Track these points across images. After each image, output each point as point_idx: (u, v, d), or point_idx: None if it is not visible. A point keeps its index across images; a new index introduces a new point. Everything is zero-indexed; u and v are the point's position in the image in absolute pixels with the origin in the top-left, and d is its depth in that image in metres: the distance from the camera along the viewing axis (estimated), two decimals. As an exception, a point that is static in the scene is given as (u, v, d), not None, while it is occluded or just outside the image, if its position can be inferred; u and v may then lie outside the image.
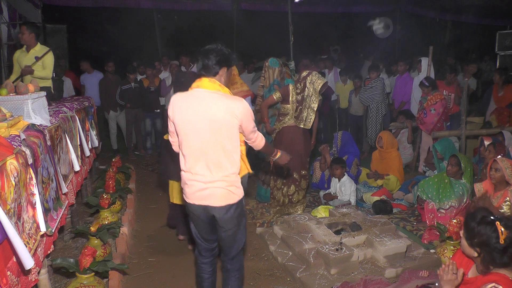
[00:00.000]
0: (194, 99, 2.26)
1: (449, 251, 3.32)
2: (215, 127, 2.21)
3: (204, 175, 2.26)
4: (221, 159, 2.25)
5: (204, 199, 2.28)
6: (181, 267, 3.40)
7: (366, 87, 6.84)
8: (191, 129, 2.24)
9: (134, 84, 6.91)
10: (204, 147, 2.24)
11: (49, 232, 2.45)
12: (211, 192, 2.27)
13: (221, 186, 2.26)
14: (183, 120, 2.26)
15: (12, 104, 2.92)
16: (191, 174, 2.29)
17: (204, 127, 2.22)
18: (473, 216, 2.09)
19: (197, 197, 2.30)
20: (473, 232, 2.05)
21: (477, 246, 2.04)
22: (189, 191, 2.32)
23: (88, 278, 2.71)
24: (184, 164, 2.33)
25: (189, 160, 2.28)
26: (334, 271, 3.06)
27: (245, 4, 9.77)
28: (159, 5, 9.45)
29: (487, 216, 2.05)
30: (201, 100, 2.24)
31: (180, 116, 2.27)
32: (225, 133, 2.23)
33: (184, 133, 2.27)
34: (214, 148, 2.24)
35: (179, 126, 2.28)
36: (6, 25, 6.30)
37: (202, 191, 2.28)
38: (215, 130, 2.22)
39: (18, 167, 2.08)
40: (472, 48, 13.46)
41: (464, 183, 4.05)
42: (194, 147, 2.25)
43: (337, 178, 4.79)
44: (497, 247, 1.97)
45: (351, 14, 11.17)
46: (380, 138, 5.33)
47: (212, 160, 2.24)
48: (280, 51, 8.15)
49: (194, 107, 2.24)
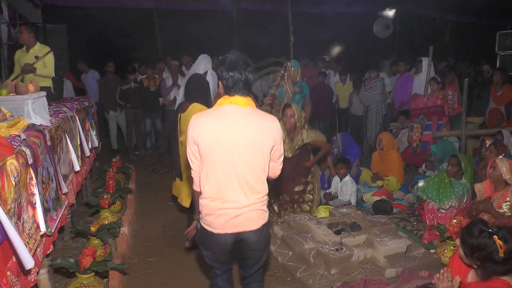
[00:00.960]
0: (226, 117, 2.00)
1: (449, 251, 3.32)
2: (253, 148, 2.00)
3: (238, 201, 2.03)
4: (256, 183, 2.05)
5: (238, 226, 2.06)
6: (181, 267, 3.40)
7: (366, 87, 6.84)
8: (223, 151, 1.98)
9: (134, 84, 6.91)
10: (239, 170, 2.01)
11: (49, 232, 2.45)
12: (246, 216, 2.06)
13: (255, 208, 2.08)
14: (212, 141, 1.98)
15: (12, 104, 2.91)
16: (220, 202, 2.03)
17: (240, 148, 1.99)
18: (470, 232, 2.07)
19: (230, 225, 2.06)
20: (472, 249, 2.04)
21: (477, 260, 2.04)
22: (220, 221, 2.05)
23: (88, 278, 2.71)
24: (209, 191, 2.04)
25: (217, 186, 2.02)
26: (334, 271, 3.06)
27: (245, 4, 9.77)
28: (159, 5, 9.45)
29: (484, 230, 2.03)
30: (236, 118, 2.00)
31: (207, 136, 1.98)
32: (263, 155, 2.04)
33: (212, 156, 2.00)
34: (250, 171, 2.02)
35: (206, 148, 2.00)
36: (6, 25, 6.30)
37: (235, 218, 2.05)
38: (252, 151, 2.01)
39: (18, 167, 2.08)
40: (472, 48, 13.47)
41: (465, 183, 4.05)
42: (226, 171, 2.01)
43: (340, 177, 4.80)
44: (497, 260, 1.96)
45: (351, 14, 11.16)
46: (380, 140, 5.32)
47: (247, 185, 2.03)
48: (280, 51, 8.16)
49: (226, 126, 1.98)
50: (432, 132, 5.45)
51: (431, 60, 5.85)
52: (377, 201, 4.58)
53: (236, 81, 2.00)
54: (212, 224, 2.07)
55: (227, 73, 2.01)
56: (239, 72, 2.00)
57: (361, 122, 7.32)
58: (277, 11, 9.78)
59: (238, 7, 9.73)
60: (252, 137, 2.00)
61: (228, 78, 2.01)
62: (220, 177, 2.01)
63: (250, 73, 2.03)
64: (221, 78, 2.04)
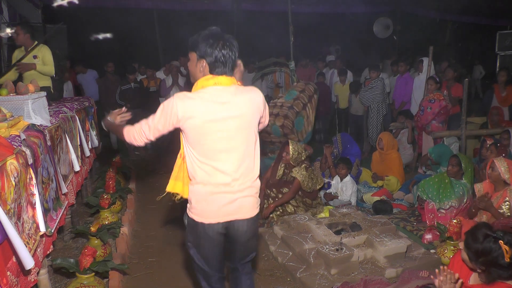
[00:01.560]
0: (214, 100, 1.88)
1: (449, 251, 3.32)
2: (243, 125, 1.92)
3: (232, 184, 1.92)
4: (250, 161, 1.97)
5: (232, 214, 1.95)
6: (181, 266, 3.40)
7: (366, 88, 6.84)
8: (214, 134, 1.88)
9: (134, 84, 6.91)
10: (232, 152, 1.91)
11: (49, 232, 2.45)
12: (241, 203, 1.95)
13: (250, 193, 1.98)
14: (202, 125, 1.87)
15: (12, 104, 2.92)
16: (213, 186, 1.92)
17: (231, 126, 1.89)
18: (474, 237, 2.04)
19: (223, 212, 1.94)
20: (477, 254, 2.01)
21: (482, 265, 2.02)
22: (212, 208, 1.93)
23: (88, 278, 2.71)
24: (202, 175, 1.92)
25: (210, 170, 1.91)
26: (334, 271, 3.06)
27: (245, 4, 9.78)
28: (159, 5, 9.45)
29: (489, 235, 2.00)
30: (223, 100, 1.88)
31: (196, 120, 1.86)
32: (252, 130, 1.97)
33: (203, 140, 1.88)
34: (244, 150, 1.94)
35: (196, 131, 1.88)
36: (6, 25, 6.30)
37: (229, 205, 1.93)
38: (243, 128, 1.92)
39: (18, 167, 2.07)
40: (472, 48, 13.47)
41: (465, 183, 4.05)
42: (218, 154, 1.90)
43: (341, 177, 4.80)
44: (502, 265, 1.95)
45: (351, 14, 11.17)
46: (381, 140, 5.32)
47: (241, 164, 1.93)
48: (280, 51, 8.16)
49: (218, 110, 1.87)
50: (433, 132, 5.45)
51: (431, 60, 5.85)
52: (377, 201, 4.58)
53: (227, 60, 1.89)
54: (203, 212, 1.95)
55: (218, 51, 1.86)
56: (231, 50, 1.89)
57: (361, 122, 7.32)
58: (277, 11, 9.78)
59: (238, 7, 9.73)
60: (242, 117, 1.91)
61: (220, 57, 1.87)
62: (212, 160, 1.90)
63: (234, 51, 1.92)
64: (208, 55, 1.86)
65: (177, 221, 4.35)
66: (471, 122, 6.21)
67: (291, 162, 4.28)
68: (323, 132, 8.23)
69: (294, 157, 4.25)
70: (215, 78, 1.91)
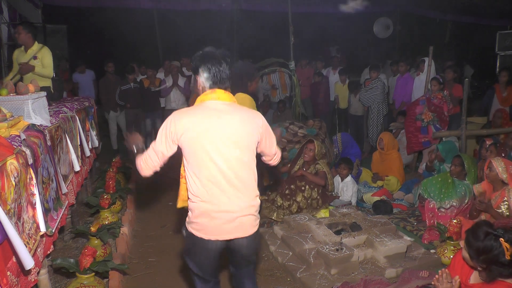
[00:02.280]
0: (212, 115, 1.93)
1: (449, 251, 3.32)
2: (242, 144, 1.95)
3: (230, 203, 1.94)
4: (249, 181, 1.99)
5: (231, 232, 1.96)
6: (181, 267, 3.39)
7: (366, 88, 6.84)
8: (210, 150, 1.90)
9: (134, 84, 6.91)
10: (231, 169, 1.92)
11: (49, 232, 2.45)
12: (240, 222, 1.96)
13: (249, 213, 1.99)
14: (199, 141, 1.89)
15: (12, 104, 2.92)
16: (211, 204, 1.93)
17: (229, 145, 1.92)
18: (475, 235, 2.05)
19: (223, 231, 1.95)
20: (478, 252, 2.02)
21: (483, 263, 2.02)
22: (212, 225, 1.94)
23: (88, 278, 2.71)
24: (199, 193, 1.94)
25: (207, 188, 1.92)
26: (334, 271, 3.06)
27: (245, 4, 9.77)
28: (159, 5, 9.44)
29: (490, 233, 2.01)
30: (221, 116, 1.93)
31: (192, 136, 1.89)
32: (251, 150, 2.00)
33: (199, 156, 1.91)
34: (242, 169, 1.95)
35: (192, 147, 1.91)
36: (6, 25, 6.30)
37: (229, 224, 1.94)
38: (242, 147, 1.95)
39: (18, 167, 2.08)
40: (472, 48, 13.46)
41: (467, 184, 4.05)
42: (215, 171, 1.91)
43: (341, 178, 4.80)
44: (503, 263, 1.95)
45: (351, 14, 11.16)
46: (381, 140, 5.32)
47: (240, 184, 1.95)
48: (280, 51, 8.15)
49: (214, 123, 1.91)
50: (433, 132, 5.45)
51: (431, 60, 5.85)
52: (377, 201, 4.58)
53: (221, 74, 1.99)
54: (204, 228, 1.96)
55: (215, 68, 1.98)
56: (225, 66, 2.00)
57: (361, 122, 7.32)
58: (277, 11, 9.78)
59: (238, 7, 9.72)
60: (239, 135, 1.94)
61: (216, 73, 1.98)
62: (209, 178, 1.92)
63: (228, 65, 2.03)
64: (204, 73, 2.00)
65: (177, 221, 4.35)
66: (471, 122, 6.20)
67: (316, 158, 4.52)
68: (323, 132, 8.22)
69: (318, 151, 4.53)
70: (213, 93, 1.99)
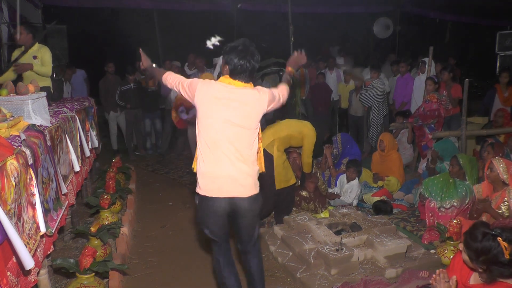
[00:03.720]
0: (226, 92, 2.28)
1: (449, 252, 3.32)
2: (250, 116, 2.28)
3: (232, 167, 2.26)
4: (248, 150, 2.31)
5: (232, 191, 2.28)
6: (181, 267, 3.40)
7: (366, 88, 6.84)
8: (220, 122, 2.24)
9: (134, 84, 6.91)
10: (233, 137, 2.26)
11: (49, 232, 2.45)
12: (241, 184, 2.28)
13: (249, 175, 2.31)
14: (213, 107, 2.24)
15: (13, 105, 2.91)
16: (216, 167, 2.27)
17: (234, 118, 2.25)
18: (473, 236, 2.04)
19: (225, 190, 2.28)
20: (477, 253, 2.01)
21: (483, 264, 2.01)
22: (215, 186, 2.28)
23: (88, 279, 2.71)
24: (207, 159, 2.28)
25: (214, 151, 2.26)
26: (335, 271, 3.06)
27: (245, 4, 9.76)
28: (159, 5, 9.44)
29: (487, 233, 2.00)
30: (234, 94, 2.27)
31: (210, 102, 2.25)
32: (256, 121, 2.32)
33: (210, 120, 2.26)
34: (243, 139, 2.28)
35: (207, 112, 2.26)
36: (6, 25, 6.30)
37: (230, 184, 2.27)
38: (245, 119, 2.27)
39: (18, 167, 2.08)
40: (472, 48, 13.47)
41: (468, 184, 4.05)
42: (221, 137, 2.25)
43: (348, 179, 4.80)
44: (503, 262, 1.94)
45: (351, 14, 11.16)
46: (382, 142, 5.31)
47: (240, 152, 2.27)
48: (280, 51, 8.15)
49: (225, 96, 2.26)
50: (433, 132, 5.45)
51: (431, 60, 5.85)
52: (377, 202, 4.58)
53: (244, 69, 2.28)
54: (209, 188, 2.30)
55: (237, 61, 2.25)
56: (248, 61, 2.26)
57: (361, 122, 7.32)
58: (277, 11, 9.77)
59: (238, 7, 9.72)
60: (244, 111, 2.26)
61: (238, 66, 2.26)
62: (215, 144, 2.26)
63: (257, 62, 2.31)
64: (229, 63, 2.28)
65: (177, 221, 4.36)
66: (472, 122, 6.20)
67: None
68: (323, 132, 8.21)
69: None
70: (229, 80, 2.32)
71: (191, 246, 3.71)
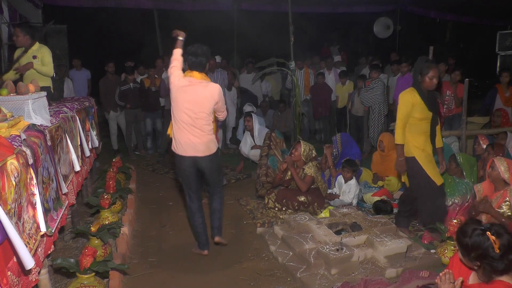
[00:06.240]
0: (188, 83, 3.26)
1: (450, 251, 3.32)
2: (203, 103, 3.24)
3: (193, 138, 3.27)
4: (205, 125, 3.29)
5: (195, 153, 3.29)
6: (181, 267, 3.40)
7: (367, 88, 6.84)
8: (184, 106, 3.23)
9: (133, 84, 6.91)
10: (194, 117, 3.24)
11: (49, 232, 2.45)
12: (201, 148, 3.29)
13: (206, 142, 3.31)
14: (179, 96, 3.25)
15: (13, 104, 2.91)
16: (183, 137, 3.28)
17: (195, 102, 3.23)
18: (463, 232, 2.07)
19: (190, 151, 3.29)
20: (468, 248, 2.03)
21: (476, 260, 2.03)
22: (183, 148, 3.30)
23: (89, 278, 2.71)
24: (176, 129, 3.31)
25: (181, 127, 3.27)
26: (335, 271, 3.06)
27: (245, 4, 9.77)
28: (159, 5, 9.44)
29: (476, 228, 2.03)
30: (193, 85, 3.25)
31: (177, 91, 3.25)
32: (208, 110, 3.27)
33: (177, 107, 3.26)
34: (202, 118, 3.26)
35: (174, 97, 3.27)
36: (6, 25, 6.30)
37: (193, 148, 3.28)
38: (202, 105, 3.24)
39: (18, 167, 2.07)
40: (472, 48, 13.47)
41: (468, 182, 4.06)
42: (185, 119, 3.24)
43: (345, 179, 4.80)
44: (494, 257, 1.95)
45: (351, 14, 11.17)
46: (381, 142, 5.30)
47: (200, 127, 3.26)
48: (280, 51, 8.15)
49: (187, 89, 3.24)
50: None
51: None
52: (378, 201, 4.58)
53: (193, 62, 3.26)
54: (179, 149, 3.33)
55: (189, 57, 3.26)
56: (196, 57, 3.25)
57: (361, 122, 7.32)
58: (277, 11, 9.78)
59: (238, 7, 9.73)
60: (202, 97, 3.24)
61: (191, 61, 3.26)
62: (182, 121, 3.26)
63: (204, 58, 3.27)
64: (186, 60, 3.30)
65: (178, 221, 4.36)
66: (472, 122, 6.20)
67: (302, 158, 4.54)
68: (323, 132, 8.23)
69: (306, 153, 4.58)
70: (190, 72, 3.31)
71: (191, 246, 3.71)
